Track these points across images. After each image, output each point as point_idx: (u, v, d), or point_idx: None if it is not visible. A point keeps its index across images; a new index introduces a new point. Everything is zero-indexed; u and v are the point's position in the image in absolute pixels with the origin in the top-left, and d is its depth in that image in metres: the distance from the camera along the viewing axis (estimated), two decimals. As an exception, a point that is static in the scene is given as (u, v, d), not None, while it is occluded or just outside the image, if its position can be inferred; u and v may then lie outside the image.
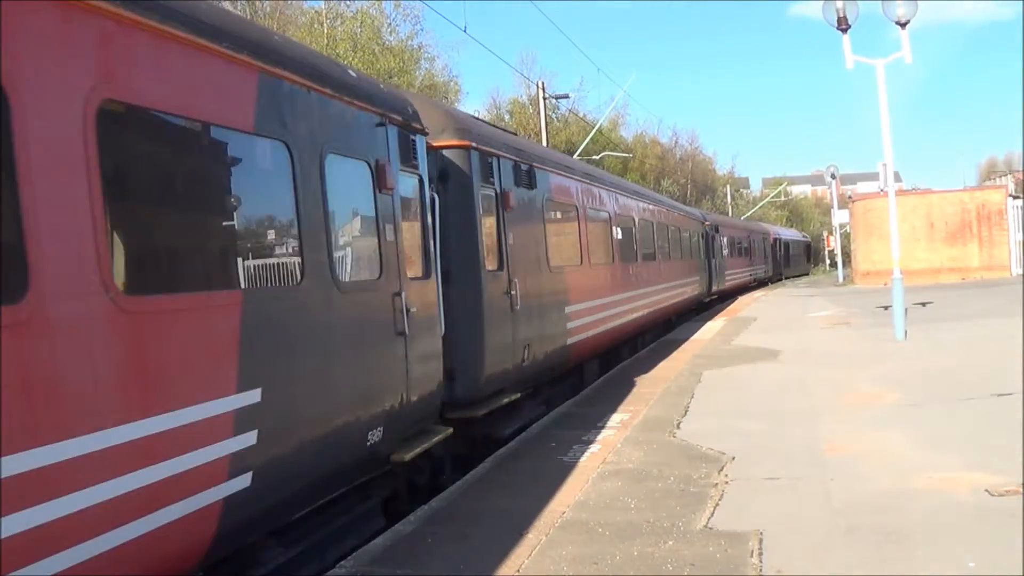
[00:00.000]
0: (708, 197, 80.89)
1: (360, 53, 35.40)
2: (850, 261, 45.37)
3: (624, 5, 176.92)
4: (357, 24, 38.29)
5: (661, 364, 15.69)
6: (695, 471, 7.73)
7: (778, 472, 7.57)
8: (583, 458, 8.57)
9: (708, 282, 30.78)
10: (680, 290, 24.27)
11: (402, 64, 39.05)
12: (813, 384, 12.11)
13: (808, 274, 68.22)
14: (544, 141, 35.34)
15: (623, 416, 10.71)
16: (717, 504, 6.70)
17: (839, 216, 48.94)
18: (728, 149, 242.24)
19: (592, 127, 44.19)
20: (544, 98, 37.42)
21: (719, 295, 34.12)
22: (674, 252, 23.93)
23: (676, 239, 24.51)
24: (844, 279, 45.26)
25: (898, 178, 46.92)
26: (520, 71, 50.64)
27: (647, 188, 34.49)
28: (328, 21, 37.91)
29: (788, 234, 70.00)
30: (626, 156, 58.90)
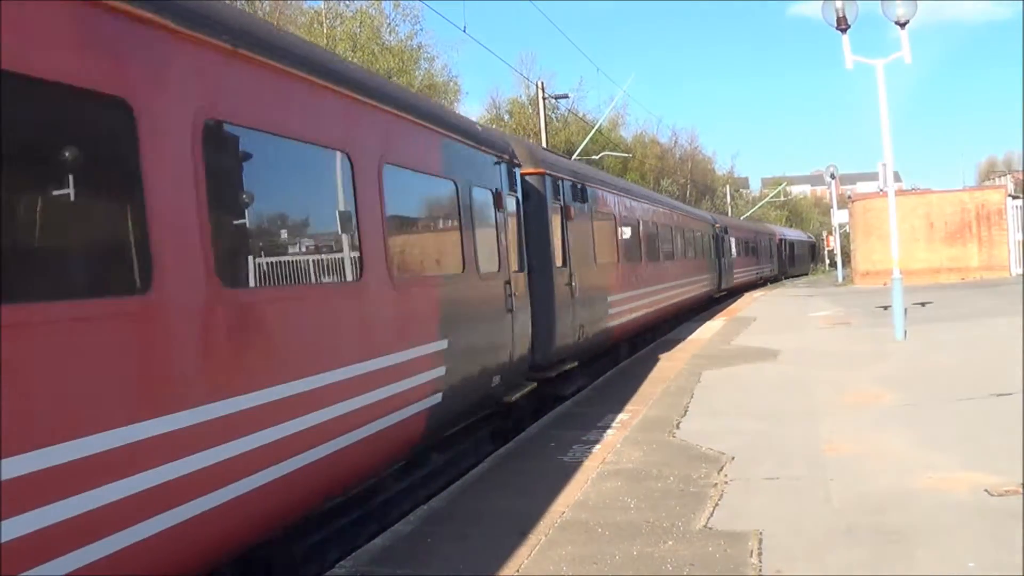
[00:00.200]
0: (708, 197, 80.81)
1: (359, 53, 35.39)
2: (849, 261, 45.37)
3: (624, 5, 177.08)
4: (356, 24, 38.30)
5: (660, 364, 15.69)
6: (695, 471, 7.73)
7: (778, 472, 7.57)
8: (583, 458, 8.58)
9: (718, 279, 33.42)
10: (694, 286, 27.14)
11: (401, 64, 39.04)
12: (813, 384, 12.11)
13: (807, 274, 68.24)
14: (543, 141, 35.33)
15: (623, 416, 10.72)
16: (717, 504, 6.69)
17: (838, 216, 48.96)
18: (727, 149, 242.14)
19: (592, 127, 44.17)
20: (543, 98, 37.40)
21: (728, 291, 36.30)
22: (689, 252, 26.71)
23: (690, 241, 27.33)
24: (844, 279, 45.28)
25: (898, 178, 46.80)
26: (519, 71, 50.67)
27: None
28: (328, 21, 37.92)
29: (793, 235, 72.45)
30: (625, 156, 58.91)
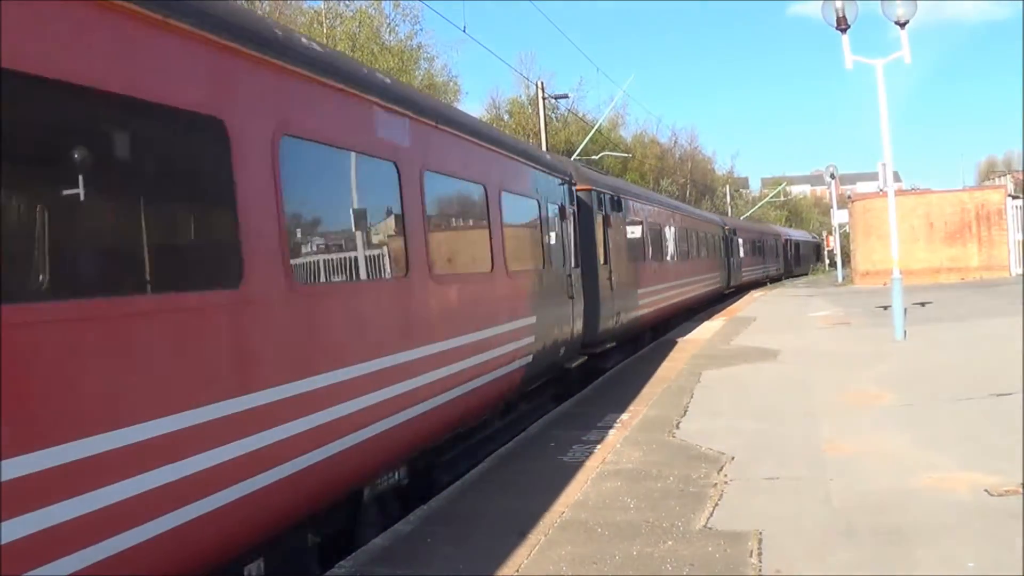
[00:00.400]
0: (707, 197, 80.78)
1: (359, 53, 35.34)
2: (849, 261, 45.36)
3: (624, 5, 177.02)
4: (356, 24, 38.27)
5: (660, 364, 15.69)
6: (694, 471, 7.72)
7: (777, 472, 7.57)
8: (583, 458, 8.58)
9: (728, 277, 36.81)
10: (707, 282, 30.34)
11: (401, 64, 39.01)
12: (812, 384, 12.12)
13: (807, 274, 68.22)
14: (543, 141, 35.32)
15: (622, 416, 10.72)
16: (716, 504, 6.69)
17: (838, 216, 48.89)
18: (727, 149, 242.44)
19: (591, 127, 44.16)
20: (543, 98, 37.38)
21: (736, 288, 39.72)
22: (702, 252, 29.78)
23: (703, 242, 30.32)
24: (843, 279, 45.25)
25: (897, 178, 46.73)
26: (519, 71, 50.66)
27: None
28: (327, 21, 37.90)
29: (798, 235, 75.36)
30: (625, 156, 58.89)
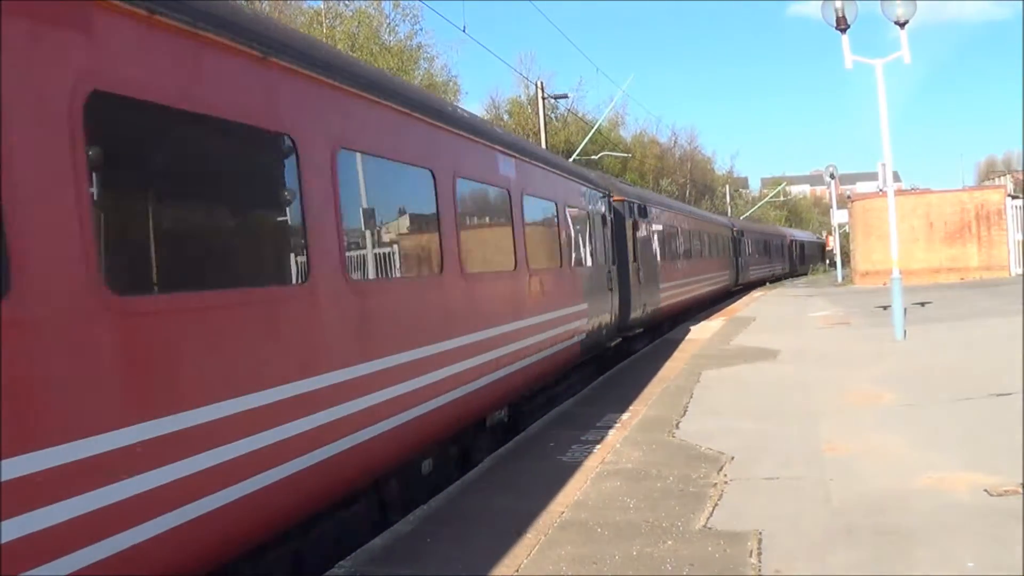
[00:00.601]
0: (707, 197, 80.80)
1: (359, 53, 35.34)
2: (849, 261, 45.34)
3: (624, 5, 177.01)
4: (355, 24, 38.26)
5: (660, 364, 15.69)
6: (694, 471, 7.72)
7: (777, 472, 7.57)
8: (582, 458, 8.58)
9: (736, 275, 40.33)
10: (716, 280, 33.68)
11: (401, 64, 39.01)
12: (812, 384, 12.11)
13: (806, 274, 68.22)
14: (543, 141, 35.33)
15: (622, 416, 10.72)
16: (716, 504, 6.69)
17: (838, 216, 48.90)
18: (727, 149, 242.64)
19: (591, 127, 44.16)
20: (543, 98, 37.40)
21: (744, 286, 42.84)
22: (713, 252, 33.15)
23: (714, 243, 33.68)
24: (843, 279, 45.23)
25: (897, 178, 46.72)
26: (519, 71, 50.74)
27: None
28: (327, 21, 37.89)
29: (803, 236, 78.80)
30: (625, 156, 58.89)
